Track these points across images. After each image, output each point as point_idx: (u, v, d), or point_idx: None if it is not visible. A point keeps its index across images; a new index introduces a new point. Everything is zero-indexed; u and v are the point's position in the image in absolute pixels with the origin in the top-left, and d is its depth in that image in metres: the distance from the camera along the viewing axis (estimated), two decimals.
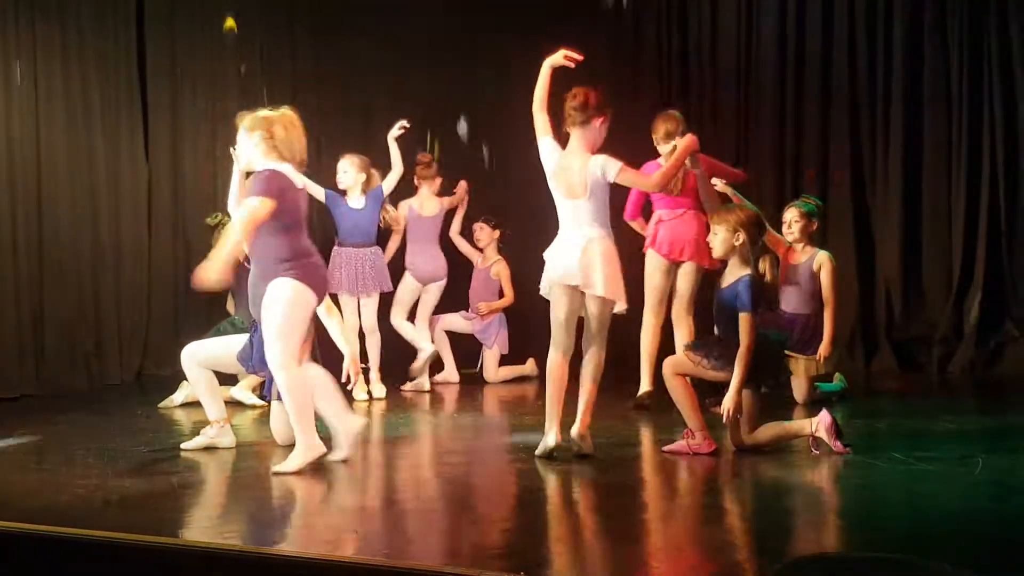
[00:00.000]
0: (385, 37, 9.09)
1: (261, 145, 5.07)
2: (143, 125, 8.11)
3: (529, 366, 7.93)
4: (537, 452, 5.20)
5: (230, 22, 8.52)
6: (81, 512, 4.37)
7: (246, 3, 8.70)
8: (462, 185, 8.04)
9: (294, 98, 8.35)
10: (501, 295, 7.96)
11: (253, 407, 6.79)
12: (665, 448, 5.34)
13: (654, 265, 6.63)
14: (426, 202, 7.82)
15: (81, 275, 7.70)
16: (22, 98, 7.37)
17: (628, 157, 5.35)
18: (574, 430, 5.22)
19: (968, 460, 5.04)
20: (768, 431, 5.30)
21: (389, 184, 7.35)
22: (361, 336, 7.24)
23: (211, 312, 8.15)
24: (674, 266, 6.62)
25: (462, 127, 9.35)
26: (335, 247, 7.28)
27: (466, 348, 8.12)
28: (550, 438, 5.17)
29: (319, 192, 7.09)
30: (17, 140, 7.35)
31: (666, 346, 6.55)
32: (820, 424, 5.16)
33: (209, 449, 5.49)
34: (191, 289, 6.19)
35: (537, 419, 5.56)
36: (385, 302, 7.52)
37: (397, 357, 7.65)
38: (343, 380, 5.33)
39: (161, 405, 6.79)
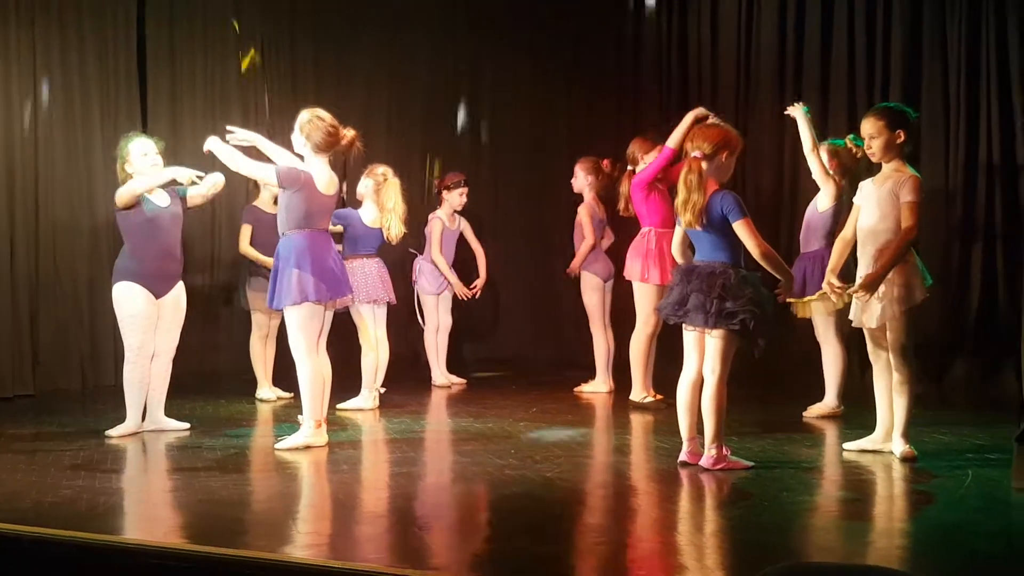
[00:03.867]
0: (385, 37, 9.18)
1: None
2: (142, 126, 8.10)
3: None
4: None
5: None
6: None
7: (247, 2, 8.71)
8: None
9: (293, 97, 8.48)
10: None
11: (279, 399, 7.23)
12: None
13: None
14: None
15: (76, 276, 7.70)
16: (22, 98, 7.41)
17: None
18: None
19: (959, 473, 5.03)
20: None
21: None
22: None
23: (208, 310, 8.19)
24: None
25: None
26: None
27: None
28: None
29: None
30: (16, 140, 7.38)
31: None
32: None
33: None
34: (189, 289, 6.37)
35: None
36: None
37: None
38: None
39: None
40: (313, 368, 5.69)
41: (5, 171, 7.32)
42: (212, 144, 5.76)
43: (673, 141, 6.51)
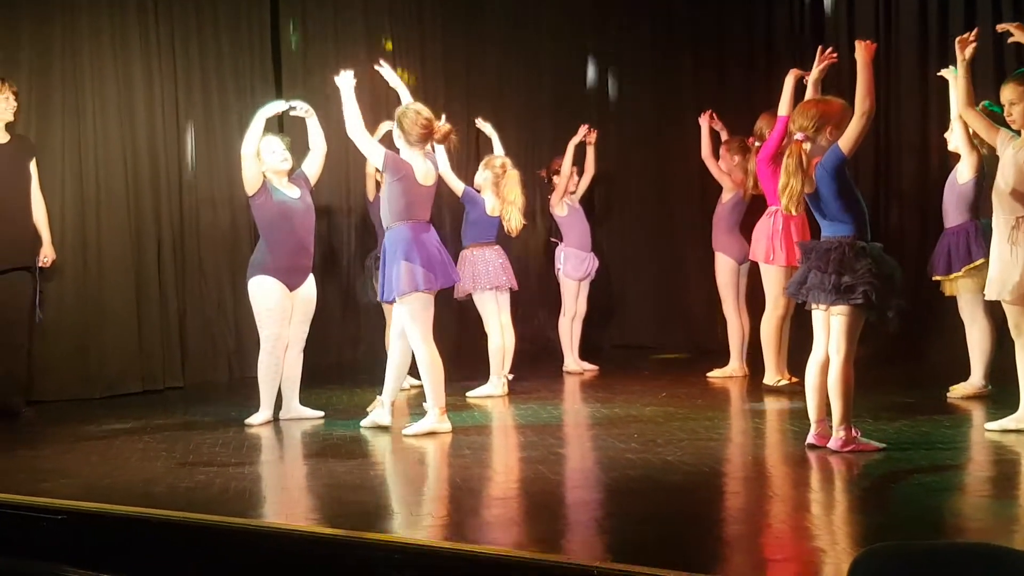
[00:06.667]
0: (512, 24, 9.27)
1: None
2: (278, 127, 8.29)
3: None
4: None
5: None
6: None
7: (375, 6, 8.86)
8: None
9: (424, 89, 8.60)
10: None
11: (412, 388, 7.25)
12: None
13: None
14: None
15: (220, 272, 8.00)
16: (164, 102, 7.70)
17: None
18: None
19: None
20: None
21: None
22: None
23: (347, 298, 8.39)
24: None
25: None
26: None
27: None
28: None
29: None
30: (160, 142, 7.68)
31: None
32: None
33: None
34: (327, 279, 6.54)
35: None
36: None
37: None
38: None
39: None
40: (432, 356, 5.78)
41: (150, 172, 7.63)
42: (343, 81, 5.87)
43: (784, 108, 6.38)
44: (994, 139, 5.32)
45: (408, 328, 5.81)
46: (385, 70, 6.19)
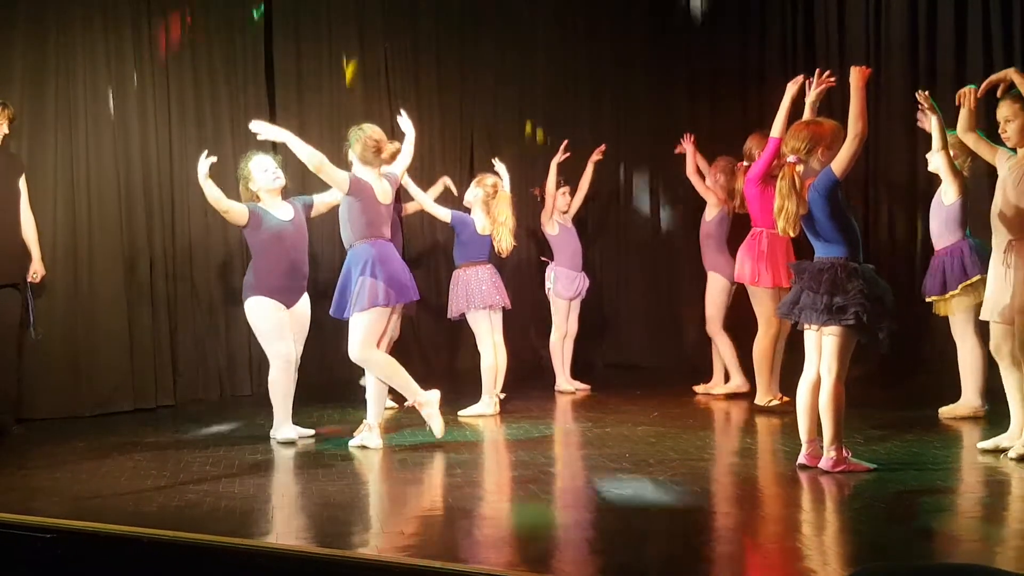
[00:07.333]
0: (507, 38, 9.34)
1: None
2: (272, 144, 8.27)
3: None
4: None
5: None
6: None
7: (370, 20, 8.89)
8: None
9: (417, 102, 8.63)
10: None
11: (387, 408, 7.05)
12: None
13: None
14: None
15: (212, 290, 7.98)
16: (157, 121, 7.70)
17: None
18: None
19: None
20: None
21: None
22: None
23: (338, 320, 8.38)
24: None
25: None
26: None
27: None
28: None
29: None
30: (153, 161, 7.68)
31: None
32: None
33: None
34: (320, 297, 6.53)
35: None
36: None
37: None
38: None
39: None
40: (384, 359, 5.96)
41: (143, 191, 7.62)
42: (261, 128, 6.02)
43: (777, 129, 6.35)
44: (994, 159, 5.36)
45: (357, 339, 5.89)
46: (403, 119, 6.33)
